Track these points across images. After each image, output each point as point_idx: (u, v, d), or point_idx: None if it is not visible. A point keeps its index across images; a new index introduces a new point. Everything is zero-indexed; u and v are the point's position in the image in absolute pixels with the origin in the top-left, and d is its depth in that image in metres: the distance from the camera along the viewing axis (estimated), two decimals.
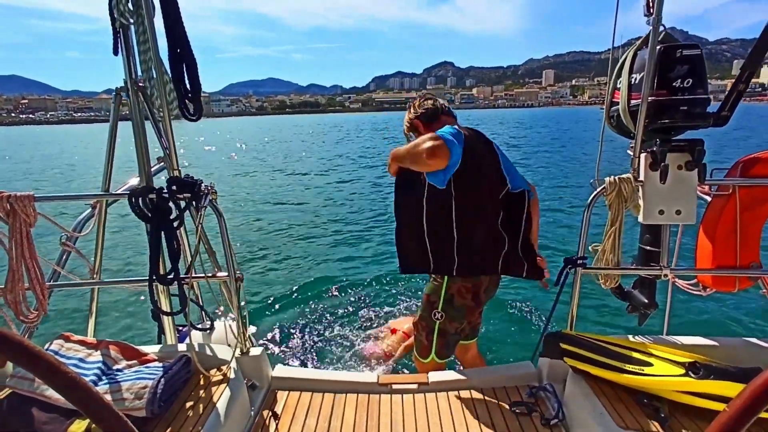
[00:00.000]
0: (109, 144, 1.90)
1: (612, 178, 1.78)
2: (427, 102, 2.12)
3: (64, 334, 1.70)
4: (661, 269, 1.86)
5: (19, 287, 1.63)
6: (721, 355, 1.66)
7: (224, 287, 2.06)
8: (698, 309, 4.08)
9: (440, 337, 2.01)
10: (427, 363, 2.08)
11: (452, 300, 1.94)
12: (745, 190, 1.75)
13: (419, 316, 2.08)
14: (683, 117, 1.67)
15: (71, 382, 0.52)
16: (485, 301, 2.05)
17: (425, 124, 2.08)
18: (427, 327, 2.03)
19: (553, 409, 1.74)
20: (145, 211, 1.69)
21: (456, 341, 2.10)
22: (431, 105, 2.11)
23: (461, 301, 1.94)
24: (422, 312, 2.05)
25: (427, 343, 2.04)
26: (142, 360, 1.65)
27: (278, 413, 1.81)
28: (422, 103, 2.12)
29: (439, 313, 1.96)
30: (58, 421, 1.35)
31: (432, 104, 2.11)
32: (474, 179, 1.85)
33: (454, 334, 2.03)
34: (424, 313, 2.03)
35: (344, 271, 5.72)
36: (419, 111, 2.11)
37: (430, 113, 2.09)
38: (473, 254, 1.89)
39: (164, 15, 1.70)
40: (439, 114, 2.08)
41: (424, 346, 2.06)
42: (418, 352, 2.13)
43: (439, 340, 2.01)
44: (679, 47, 1.64)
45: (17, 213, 1.58)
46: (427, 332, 2.03)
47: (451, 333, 2.01)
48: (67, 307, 4.72)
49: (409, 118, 2.15)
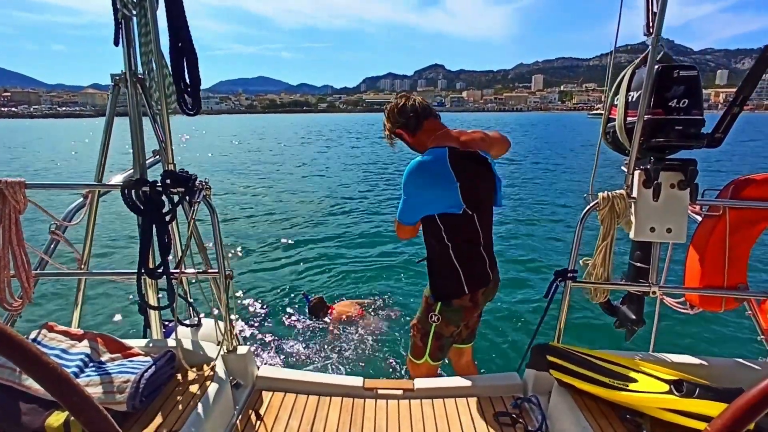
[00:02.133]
0: (104, 135, 1.89)
1: (605, 194, 1.79)
2: (407, 106, 1.97)
3: (48, 324, 1.68)
4: (650, 286, 1.88)
5: (5, 274, 1.60)
6: (706, 374, 1.68)
7: (213, 284, 2.05)
8: (685, 327, 4.11)
9: (435, 340, 2.00)
10: (420, 364, 2.07)
11: (451, 304, 1.94)
12: (735, 212, 1.77)
13: (416, 318, 2.07)
14: (678, 137, 1.69)
15: (51, 372, 0.51)
16: (483, 303, 2.06)
17: (410, 134, 1.99)
18: (423, 329, 2.02)
19: (537, 421, 1.74)
20: (138, 204, 1.68)
21: (450, 344, 2.10)
22: (410, 110, 1.96)
23: (459, 303, 1.94)
24: (419, 314, 2.05)
25: (421, 345, 2.04)
26: (126, 354, 1.63)
27: (261, 413, 1.79)
28: (402, 110, 1.98)
29: (436, 315, 1.96)
30: (37, 412, 1.33)
31: (412, 107, 1.96)
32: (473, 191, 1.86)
33: (449, 337, 2.03)
34: (421, 315, 2.04)
35: (334, 273, 5.71)
36: (400, 120, 1.98)
37: (412, 123, 1.97)
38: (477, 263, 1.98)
39: (167, 8, 1.70)
40: (422, 120, 1.96)
41: (419, 347, 2.06)
42: (411, 354, 2.13)
43: (433, 342, 2.00)
44: (676, 68, 1.67)
45: (7, 198, 1.56)
46: (422, 334, 2.03)
47: (446, 336, 2.01)
48: (53, 296, 4.66)
49: (389, 127, 2.03)
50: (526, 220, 8.63)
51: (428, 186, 1.86)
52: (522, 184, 13.20)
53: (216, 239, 1.75)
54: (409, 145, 2.05)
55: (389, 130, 2.04)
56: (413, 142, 2.01)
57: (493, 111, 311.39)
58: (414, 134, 1.99)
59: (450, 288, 1.94)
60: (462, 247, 1.91)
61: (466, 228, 1.90)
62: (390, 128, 2.03)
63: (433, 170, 1.83)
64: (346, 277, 5.57)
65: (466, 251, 1.92)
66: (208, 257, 2.04)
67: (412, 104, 1.98)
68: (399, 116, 1.99)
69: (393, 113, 2.00)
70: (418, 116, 1.96)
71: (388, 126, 2.03)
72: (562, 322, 1.89)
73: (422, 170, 1.84)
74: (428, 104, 2.02)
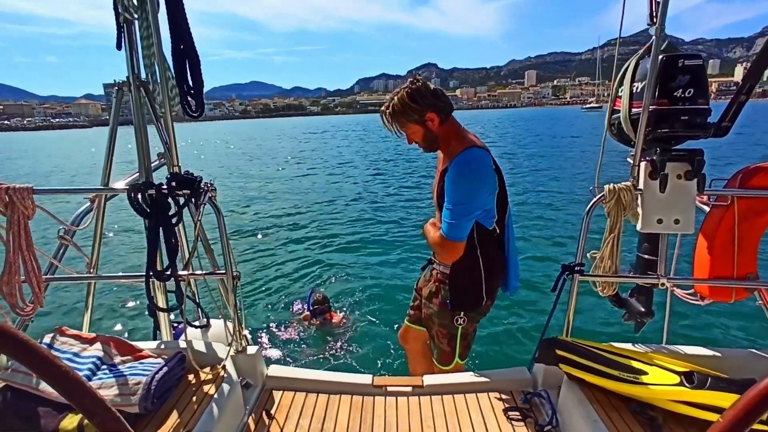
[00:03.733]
0: (109, 140, 1.90)
1: (611, 186, 1.78)
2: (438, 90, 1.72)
3: (60, 328, 1.70)
4: (659, 278, 1.86)
5: (16, 279, 1.62)
6: (716, 365, 1.66)
7: (221, 285, 2.06)
8: (695, 318, 4.08)
9: (463, 340, 1.97)
10: (451, 368, 2.02)
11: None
12: (743, 201, 1.76)
13: (437, 325, 1.96)
14: (683, 127, 1.68)
15: (64, 376, 0.52)
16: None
17: (441, 120, 1.72)
18: (448, 333, 1.95)
19: (547, 416, 1.73)
20: (144, 207, 1.69)
21: (474, 337, 2.05)
22: (442, 95, 1.71)
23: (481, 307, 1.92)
24: (440, 320, 1.95)
25: (449, 350, 1.97)
26: (136, 356, 1.65)
27: (272, 413, 1.80)
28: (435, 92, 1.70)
29: (462, 318, 1.91)
30: (51, 415, 1.34)
31: (443, 94, 1.72)
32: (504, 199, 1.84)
33: (473, 333, 2.01)
34: (444, 321, 1.93)
35: (342, 271, 5.72)
36: (432, 101, 1.68)
37: (447, 109, 1.71)
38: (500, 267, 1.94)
39: (169, 11, 1.70)
40: (450, 111, 1.75)
41: (446, 353, 1.99)
42: (439, 361, 2.03)
43: (462, 343, 1.97)
44: (681, 57, 1.65)
45: (16, 205, 1.57)
46: (448, 339, 1.96)
47: (471, 333, 1.99)
48: (63, 300, 4.71)
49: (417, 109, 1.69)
50: (532, 213, 8.60)
51: (482, 190, 1.70)
52: (526, 179, 13.14)
53: (222, 240, 1.76)
54: (428, 137, 1.76)
55: (417, 112, 1.70)
56: (439, 132, 1.75)
57: (487, 108, 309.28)
58: (443, 123, 1.75)
59: (474, 300, 1.89)
60: (490, 254, 1.85)
61: (495, 237, 1.86)
62: (418, 110, 1.69)
63: (487, 172, 1.69)
64: (351, 275, 5.59)
65: (494, 259, 1.88)
66: (215, 258, 2.05)
67: (441, 91, 1.73)
68: (432, 97, 1.69)
69: (421, 93, 1.68)
70: (449, 105, 1.75)
71: (415, 107, 1.69)
72: (571, 315, 1.88)
73: (480, 170, 1.66)
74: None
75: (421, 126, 1.74)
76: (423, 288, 2.08)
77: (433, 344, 2.04)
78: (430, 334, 2.05)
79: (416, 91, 1.69)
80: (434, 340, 2.02)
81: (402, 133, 1.80)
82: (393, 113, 1.73)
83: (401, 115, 1.73)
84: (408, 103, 1.69)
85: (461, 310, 1.89)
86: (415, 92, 1.69)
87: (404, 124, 1.76)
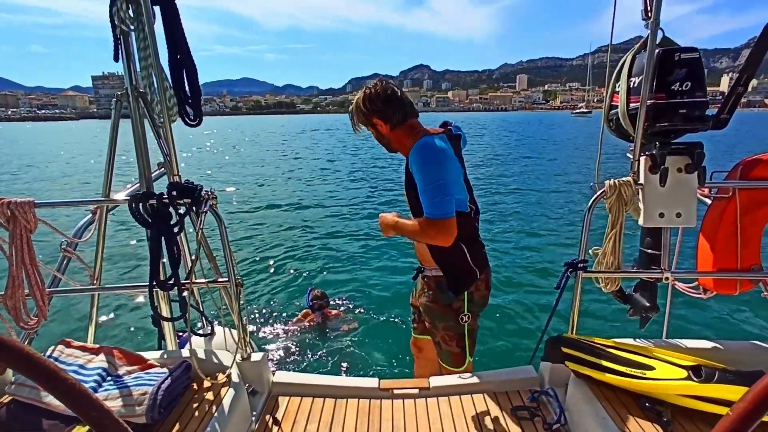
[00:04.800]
0: (109, 150, 1.91)
1: (612, 182, 1.78)
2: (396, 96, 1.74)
3: (65, 340, 1.70)
4: (662, 272, 1.86)
5: (19, 293, 1.62)
6: (723, 358, 1.66)
7: (224, 293, 2.06)
8: (699, 312, 4.07)
9: (470, 338, 1.96)
10: (464, 369, 2.01)
11: (473, 298, 1.90)
12: (745, 193, 1.75)
13: (441, 328, 1.94)
14: (682, 120, 1.68)
15: (71, 388, 0.52)
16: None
17: (391, 126, 1.77)
18: (456, 334, 1.93)
19: (555, 414, 1.73)
20: (146, 217, 1.69)
21: (477, 333, 2.03)
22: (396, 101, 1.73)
23: (479, 294, 1.92)
24: (445, 323, 1.93)
25: (459, 350, 1.96)
26: (142, 366, 1.64)
27: (279, 419, 1.80)
28: (387, 98, 1.73)
29: (466, 315, 1.90)
30: (58, 427, 1.34)
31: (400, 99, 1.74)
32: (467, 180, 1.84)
33: (477, 329, 1.99)
34: (449, 323, 1.92)
35: (345, 277, 5.72)
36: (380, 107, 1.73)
37: (397, 117, 1.74)
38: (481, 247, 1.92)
39: (164, 22, 1.71)
40: (408, 117, 1.76)
41: (457, 354, 1.97)
42: (450, 364, 2.00)
43: (469, 341, 1.96)
44: (677, 51, 1.65)
45: (17, 219, 1.58)
46: (456, 340, 1.94)
47: (476, 329, 1.98)
48: (68, 313, 4.71)
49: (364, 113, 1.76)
50: (533, 213, 8.59)
51: (448, 165, 1.66)
52: (527, 178, 13.14)
53: (224, 248, 1.76)
54: (380, 139, 1.84)
55: (364, 115, 1.77)
56: (391, 136, 1.80)
57: (478, 111, 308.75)
58: (395, 128, 1.77)
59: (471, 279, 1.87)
60: (469, 237, 1.84)
61: (471, 221, 1.86)
62: (366, 114, 1.77)
63: (443, 150, 1.65)
64: (350, 272, 5.62)
65: (475, 240, 1.88)
66: (217, 266, 2.05)
67: (400, 96, 1.75)
68: (383, 104, 1.74)
69: (372, 99, 1.74)
70: (403, 112, 1.76)
71: (364, 111, 1.76)
72: (575, 312, 1.88)
73: (435, 149, 1.64)
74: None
75: (372, 128, 1.83)
76: (418, 300, 2.08)
77: (440, 350, 2.02)
78: (435, 341, 2.02)
79: (368, 96, 1.75)
80: (441, 346, 2.00)
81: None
82: (351, 113, 1.84)
83: (353, 116, 1.84)
84: (359, 106, 1.79)
85: (464, 291, 1.86)
86: (366, 97, 1.76)
87: (362, 124, 1.84)
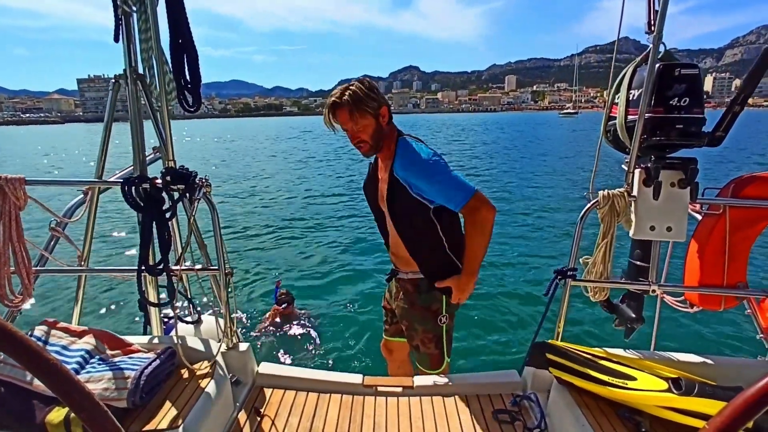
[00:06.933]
0: (104, 132, 1.89)
1: (606, 192, 1.79)
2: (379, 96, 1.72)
3: (48, 321, 1.68)
4: (650, 285, 1.88)
5: (5, 270, 1.60)
6: (706, 372, 1.68)
7: (213, 281, 2.05)
8: (685, 325, 4.11)
9: (447, 338, 1.97)
10: (442, 370, 2.02)
11: (449, 299, 1.92)
12: (735, 211, 1.77)
13: (420, 332, 1.95)
14: (678, 135, 1.69)
15: (52, 368, 0.52)
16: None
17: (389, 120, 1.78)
18: (434, 336, 1.94)
19: (536, 419, 1.74)
20: (138, 201, 1.68)
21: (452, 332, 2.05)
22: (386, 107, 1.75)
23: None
24: (423, 326, 1.94)
25: (437, 352, 1.97)
26: (126, 350, 1.63)
27: (261, 410, 1.79)
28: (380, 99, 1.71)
29: (444, 316, 1.92)
30: (38, 408, 1.33)
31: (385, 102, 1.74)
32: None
33: (453, 327, 2.01)
34: (427, 326, 1.94)
35: (334, 270, 5.71)
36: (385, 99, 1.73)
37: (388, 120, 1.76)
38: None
39: (168, 4, 1.69)
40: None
41: (436, 356, 1.98)
42: (429, 367, 2.01)
43: (447, 341, 1.97)
44: (677, 66, 1.66)
45: (7, 195, 1.56)
46: (435, 342, 1.95)
47: (452, 329, 1.99)
48: (53, 293, 4.67)
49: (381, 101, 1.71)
50: (525, 219, 8.63)
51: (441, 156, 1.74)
52: (518, 183, 13.19)
53: (216, 236, 1.75)
54: (378, 133, 1.75)
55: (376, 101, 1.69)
56: (385, 131, 1.78)
57: (467, 111, 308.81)
58: (388, 124, 1.79)
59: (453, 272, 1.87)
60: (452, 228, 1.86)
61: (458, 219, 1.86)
62: (377, 101, 1.70)
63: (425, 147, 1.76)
64: (341, 270, 5.60)
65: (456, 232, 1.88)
66: (208, 254, 2.04)
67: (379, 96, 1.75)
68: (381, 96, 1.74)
69: (377, 88, 1.73)
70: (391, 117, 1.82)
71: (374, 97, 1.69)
72: (562, 320, 1.89)
73: (420, 145, 1.74)
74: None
75: (375, 120, 1.71)
76: (393, 303, 2.08)
77: (419, 354, 2.01)
78: (413, 345, 2.02)
79: (366, 86, 1.68)
80: (419, 349, 2.00)
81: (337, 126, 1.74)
82: (353, 100, 1.65)
83: (361, 103, 1.65)
84: (368, 93, 1.67)
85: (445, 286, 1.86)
86: (367, 87, 1.68)
87: (363, 115, 1.68)
